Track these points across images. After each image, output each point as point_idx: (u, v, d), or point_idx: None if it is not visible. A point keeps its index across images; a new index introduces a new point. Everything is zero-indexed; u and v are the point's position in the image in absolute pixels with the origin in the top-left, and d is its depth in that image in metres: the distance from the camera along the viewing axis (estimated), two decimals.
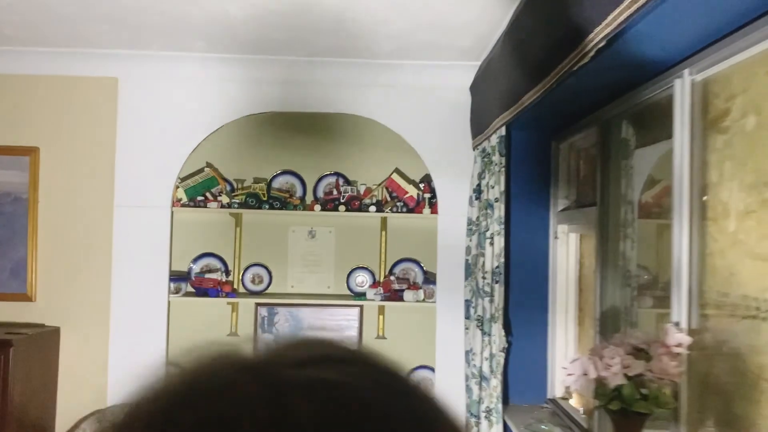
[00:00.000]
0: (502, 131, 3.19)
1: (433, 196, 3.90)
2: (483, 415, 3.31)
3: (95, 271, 3.78)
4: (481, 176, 3.48)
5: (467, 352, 3.59)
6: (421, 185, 4.01)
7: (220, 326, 4.10)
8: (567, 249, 3.50)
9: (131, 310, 3.69)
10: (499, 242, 3.25)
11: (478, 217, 3.48)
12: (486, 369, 3.31)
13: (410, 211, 3.96)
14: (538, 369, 3.54)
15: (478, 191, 3.49)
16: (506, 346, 3.35)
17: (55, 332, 3.76)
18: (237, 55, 3.71)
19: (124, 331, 3.69)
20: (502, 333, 3.29)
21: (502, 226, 3.26)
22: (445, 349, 3.77)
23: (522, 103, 2.66)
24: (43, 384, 3.67)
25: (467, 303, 3.60)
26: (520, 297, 3.59)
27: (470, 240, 3.57)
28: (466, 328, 3.62)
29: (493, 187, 3.29)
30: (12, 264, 3.73)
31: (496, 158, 3.27)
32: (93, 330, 3.78)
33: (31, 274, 3.73)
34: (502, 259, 3.27)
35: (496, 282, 3.27)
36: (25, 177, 3.69)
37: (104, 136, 3.77)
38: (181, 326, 4.03)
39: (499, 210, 3.25)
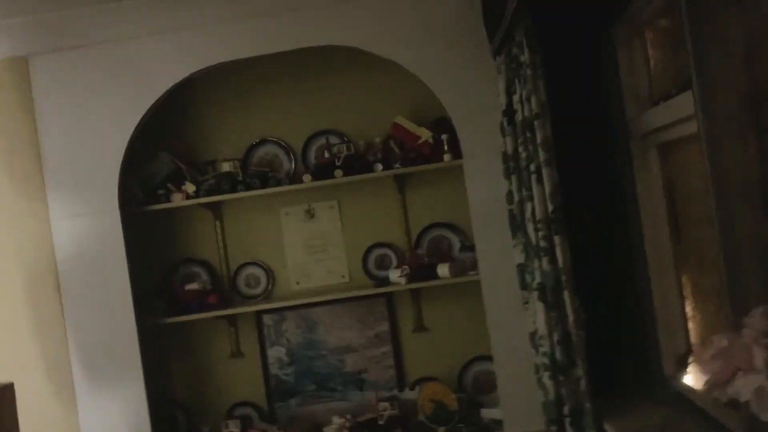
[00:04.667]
0: (529, 20, 2.21)
1: (453, 136, 2.92)
2: (567, 421, 2.35)
3: (42, 304, 2.98)
4: (510, 91, 2.49)
5: (531, 335, 2.62)
6: (436, 126, 3.04)
7: (215, 348, 3.25)
8: (649, 171, 2.47)
9: (95, 351, 2.88)
10: (551, 176, 2.27)
11: (515, 149, 2.49)
12: (561, 355, 2.35)
13: (427, 161, 3.00)
14: (639, 348, 2.52)
15: (509, 112, 2.50)
16: (583, 318, 2.36)
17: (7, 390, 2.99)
18: None
19: (91, 385, 2.88)
20: (576, 302, 2.31)
21: (551, 153, 2.27)
22: (501, 332, 2.81)
23: None
24: None
25: (521, 269, 2.62)
26: (591, 249, 2.57)
27: (510, 182, 2.59)
28: (525, 302, 2.64)
29: (528, 101, 2.30)
30: None
31: (525, 57, 2.28)
32: (51, 387, 2.98)
33: None
34: (559, 200, 2.28)
35: (556, 233, 2.29)
36: None
37: (23, 130, 2.94)
38: (167, 359, 3.20)
39: (543, 130, 2.26)
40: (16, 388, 2.94)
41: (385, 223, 3.22)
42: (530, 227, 2.43)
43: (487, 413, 2.94)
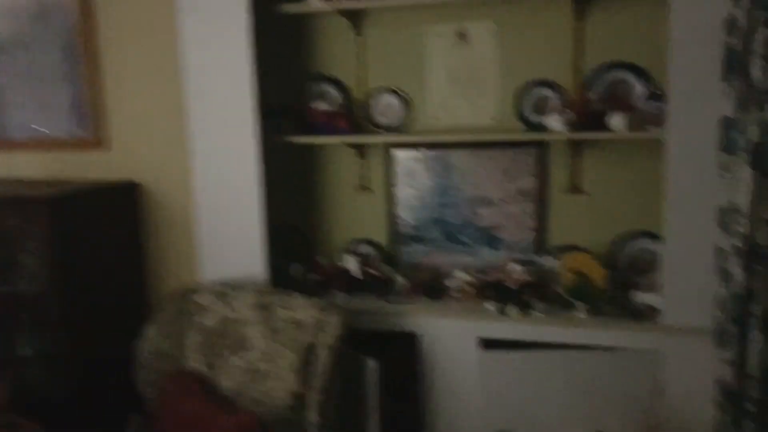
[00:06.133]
0: None
1: None
2: (754, 321, 1.81)
3: (166, 100, 2.82)
4: None
5: (723, 212, 2.04)
6: None
7: (341, 176, 2.98)
8: None
9: (215, 159, 2.68)
10: None
11: None
12: (764, 239, 1.78)
13: None
14: None
15: None
16: None
17: (131, 187, 2.94)
18: None
19: (208, 190, 2.71)
20: None
21: None
22: (681, 205, 2.23)
23: None
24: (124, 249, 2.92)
25: (727, 123, 1.99)
26: None
27: (736, 3, 1.89)
28: (723, 169, 2.04)
29: None
30: (73, 101, 2.90)
31: None
32: (174, 187, 2.89)
33: (97, 113, 2.87)
34: None
35: None
36: None
37: None
38: (290, 177, 2.98)
39: None
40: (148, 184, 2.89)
41: (551, 56, 2.63)
42: (755, 65, 1.78)
43: (641, 297, 2.45)
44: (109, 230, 2.86)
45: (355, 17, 2.79)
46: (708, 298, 2.20)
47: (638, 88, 2.54)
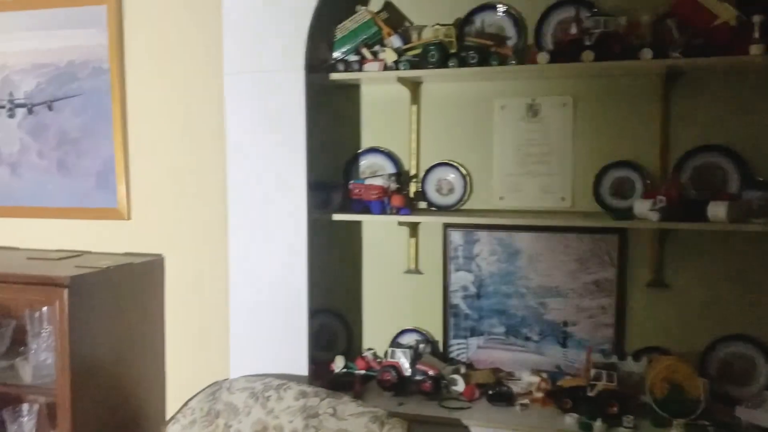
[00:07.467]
0: None
1: None
2: None
3: (205, 173, 2.55)
4: None
5: None
6: (743, 2, 2.11)
7: (391, 258, 2.67)
8: None
9: (254, 236, 2.38)
10: None
11: None
12: None
13: (722, 52, 2.09)
14: None
15: None
16: None
17: (156, 263, 2.62)
18: None
19: (246, 270, 2.40)
20: None
21: None
22: None
23: None
24: (141, 337, 2.58)
25: None
26: None
27: None
28: None
29: None
30: (99, 166, 2.62)
31: None
32: (205, 265, 2.58)
33: (121, 180, 2.60)
34: None
35: None
36: (102, 36, 2.51)
37: None
38: (333, 260, 2.68)
39: None
40: (174, 259, 2.60)
41: (634, 134, 2.38)
42: None
43: (746, 414, 2.12)
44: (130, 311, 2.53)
45: (414, 86, 2.56)
46: None
47: (733, 175, 2.28)
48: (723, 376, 2.33)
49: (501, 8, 2.46)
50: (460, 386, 2.40)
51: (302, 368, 2.35)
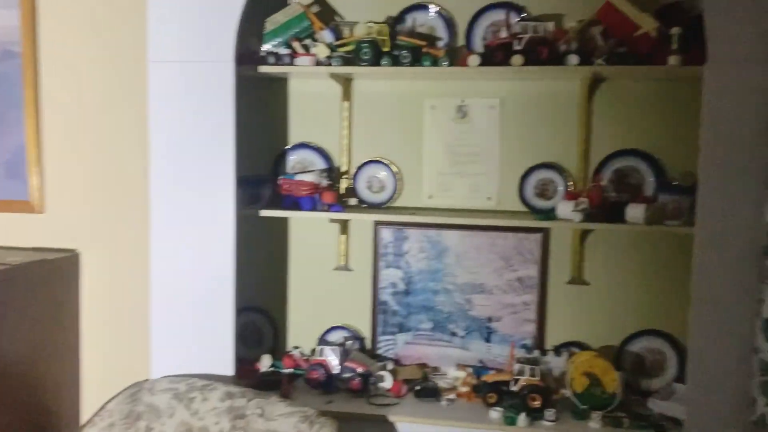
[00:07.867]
0: None
1: (690, 31, 2.10)
2: None
3: (126, 164, 2.43)
4: None
5: (766, 323, 1.87)
6: (663, 14, 2.22)
7: (321, 255, 2.65)
8: None
9: (178, 232, 2.30)
10: None
11: None
12: None
13: (643, 61, 2.19)
14: None
15: None
16: None
17: (71, 259, 2.49)
18: None
19: (168, 267, 2.31)
20: None
21: None
22: (709, 308, 2.05)
23: None
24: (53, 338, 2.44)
25: None
26: None
27: None
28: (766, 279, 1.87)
29: None
30: (8, 155, 2.46)
31: None
32: (125, 261, 2.47)
33: (33, 171, 2.44)
34: None
35: None
36: (14, 17, 2.34)
37: None
38: (259, 256, 2.63)
39: None
40: (91, 254, 2.47)
41: (558, 138, 2.46)
42: None
43: (659, 406, 2.24)
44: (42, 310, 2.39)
45: (346, 82, 2.54)
46: (741, 413, 2.00)
47: (648, 178, 2.40)
48: (636, 370, 2.45)
49: (433, 8, 2.48)
50: (388, 383, 2.41)
51: (227, 368, 2.29)
